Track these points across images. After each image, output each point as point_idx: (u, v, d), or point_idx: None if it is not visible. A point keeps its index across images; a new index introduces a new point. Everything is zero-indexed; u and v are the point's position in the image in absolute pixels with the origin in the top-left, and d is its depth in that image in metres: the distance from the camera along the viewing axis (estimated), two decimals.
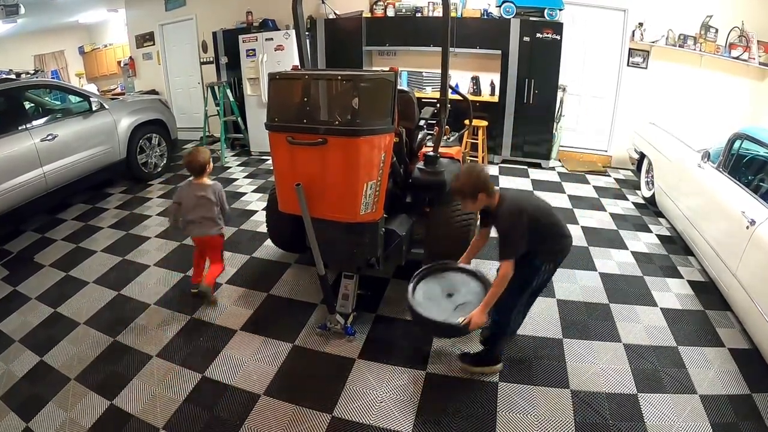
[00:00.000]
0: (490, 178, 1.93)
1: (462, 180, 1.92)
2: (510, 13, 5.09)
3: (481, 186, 1.89)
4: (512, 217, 1.88)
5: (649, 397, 2.04)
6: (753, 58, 4.67)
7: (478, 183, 1.89)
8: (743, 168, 2.93)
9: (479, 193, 1.89)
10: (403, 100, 2.69)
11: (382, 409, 2.00)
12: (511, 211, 1.90)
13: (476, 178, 1.90)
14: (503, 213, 1.92)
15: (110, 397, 2.09)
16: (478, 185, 1.89)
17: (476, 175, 1.90)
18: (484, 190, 1.90)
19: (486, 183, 1.90)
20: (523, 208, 1.91)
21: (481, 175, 1.91)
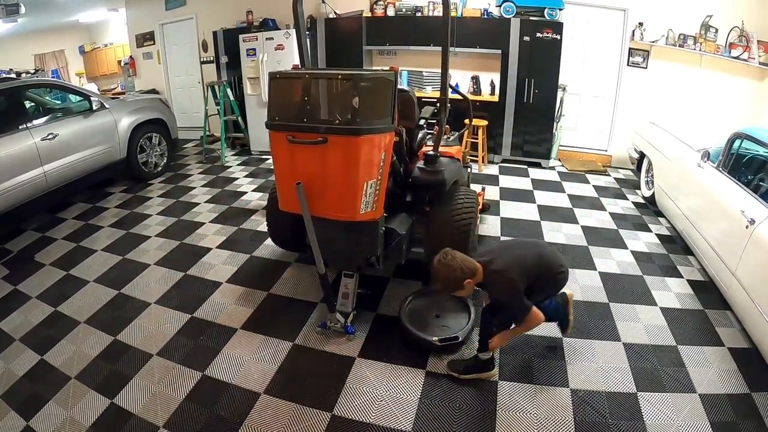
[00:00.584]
0: (465, 260, 1.87)
1: (441, 279, 1.86)
2: (510, 13, 5.09)
3: (462, 275, 1.84)
4: (504, 289, 1.87)
5: (649, 396, 2.04)
6: (753, 57, 4.68)
7: (457, 275, 1.84)
8: (743, 167, 2.93)
9: (465, 281, 1.85)
10: (404, 100, 2.69)
11: (382, 407, 2.00)
12: (500, 283, 1.88)
13: (453, 272, 1.83)
14: (494, 287, 1.91)
15: (110, 396, 2.09)
16: (459, 277, 1.84)
17: (452, 269, 1.83)
18: (467, 276, 1.85)
19: (464, 270, 1.84)
20: (511, 275, 1.86)
21: (455, 266, 1.84)
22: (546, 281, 2.01)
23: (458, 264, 1.84)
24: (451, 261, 1.84)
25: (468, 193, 2.78)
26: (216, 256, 3.37)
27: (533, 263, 1.97)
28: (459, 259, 1.85)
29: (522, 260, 1.95)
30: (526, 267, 1.93)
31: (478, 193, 2.96)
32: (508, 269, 1.87)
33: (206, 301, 2.80)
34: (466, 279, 1.84)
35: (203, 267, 3.22)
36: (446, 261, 1.85)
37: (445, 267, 1.84)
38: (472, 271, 1.86)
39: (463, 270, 1.84)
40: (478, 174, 5.14)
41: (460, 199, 2.67)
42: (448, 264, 1.84)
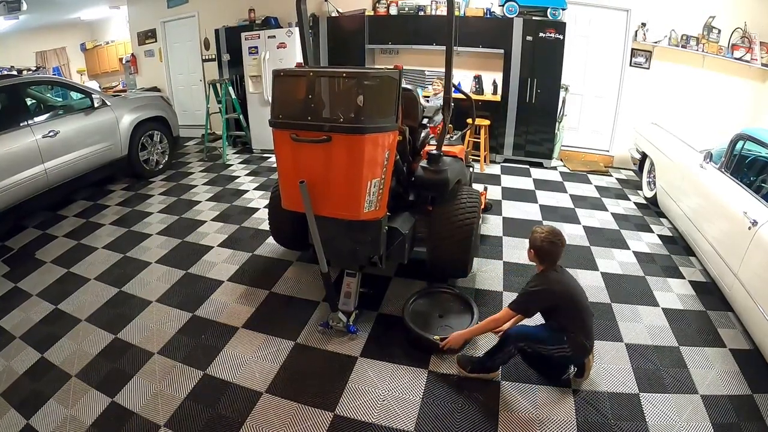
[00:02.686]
0: (552, 250, 2.00)
1: (535, 233, 2.04)
2: (513, 12, 5.08)
3: (536, 247, 2.02)
4: (538, 289, 1.99)
5: (651, 397, 2.04)
6: (755, 59, 4.67)
7: (536, 242, 2.02)
8: (745, 169, 2.93)
9: (531, 249, 2.05)
10: (407, 99, 2.68)
11: (385, 407, 2.00)
12: (542, 285, 2.00)
13: (543, 240, 1.99)
14: (538, 278, 2.04)
15: (111, 395, 2.09)
16: (535, 243, 2.02)
17: (543, 238, 1.99)
18: (534, 249, 2.03)
19: (540, 248, 2.01)
20: (552, 291, 1.99)
21: (546, 239, 1.99)
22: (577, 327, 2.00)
23: (548, 242, 2.00)
24: (554, 236, 2.01)
25: (471, 192, 2.78)
26: (217, 255, 3.36)
27: (576, 306, 2.01)
28: (551, 243, 1.99)
29: (570, 299, 2.01)
30: (567, 302, 2.00)
31: (480, 193, 2.95)
32: (551, 287, 2.00)
33: (207, 300, 2.80)
34: (533, 249, 2.03)
35: (204, 265, 3.22)
36: (552, 233, 2.02)
37: (547, 235, 2.01)
38: (544, 256, 2.02)
39: (540, 248, 2.00)
40: (480, 174, 5.13)
41: (463, 198, 2.67)
42: (549, 234, 2.01)
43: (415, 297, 2.58)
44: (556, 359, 2.06)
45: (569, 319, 1.98)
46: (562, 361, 2.10)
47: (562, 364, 2.12)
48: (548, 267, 2.03)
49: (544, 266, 2.04)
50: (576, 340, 1.97)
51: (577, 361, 2.06)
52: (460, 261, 2.64)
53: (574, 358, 2.04)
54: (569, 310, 1.99)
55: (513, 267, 3.14)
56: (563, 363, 2.11)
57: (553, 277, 2.01)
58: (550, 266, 2.03)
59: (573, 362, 2.08)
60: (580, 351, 2.00)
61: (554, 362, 2.11)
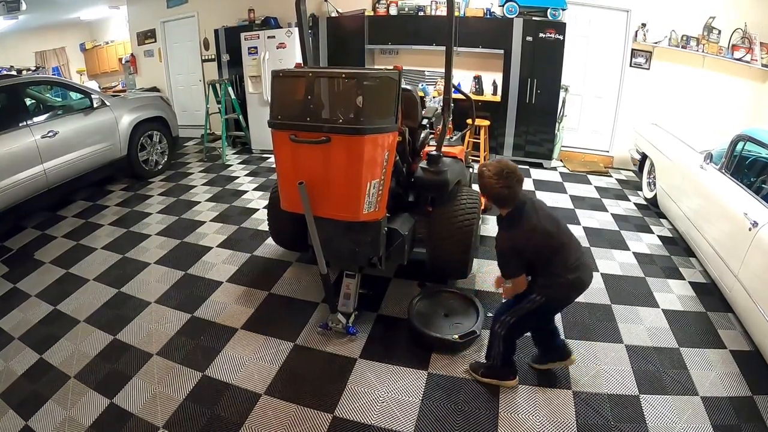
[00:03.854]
0: (510, 194, 1.75)
1: (483, 176, 1.77)
2: (513, 13, 5.07)
3: (491, 196, 1.77)
4: (509, 247, 1.79)
5: (651, 399, 2.04)
6: (755, 59, 4.67)
7: (490, 191, 1.76)
8: (746, 170, 2.92)
9: (481, 195, 1.80)
10: (406, 99, 2.68)
11: (384, 409, 1.99)
12: (509, 240, 1.79)
13: (485, 179, 1.75)
14: (502, 236, 1.82)
15: (110, 396, 2.08)
16: (489, 192, 1.77)
17: (487, 176, 1.75)
18: (490, 198, 1.78)
19: (497, 196, 1.76)
20: (524, 243, 1.75)
21: (500, 185, 1.73)
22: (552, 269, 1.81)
23: (492, 174, 1.74)
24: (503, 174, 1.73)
25: (470, 193, 2.77)
26: (216, 255, 3.36)
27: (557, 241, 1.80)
28: (505, 181, 1.73)
29: (544, 233, 1.77)
30: (541, 240, 1.77)
31: (480, 194, 2.95)
32: (523, 236, 1.75)
33: (207, 301, 2.79)
34: (482, 195, 1.79)
35: (204, 266, 3.21)
36: (501, 168, 1.74)
37: (496, 173, 1.74)
38: (503, 200, 1.77)
39: (492, 185, 1.74)
40: None
41: (462, 199, 2.66)
42: (498, 173, 1.73)
43: (416, 300, 2.55)
44: (543, 319, 1.97)
45: (540, 265, 1.81)
46: (548, 317, 1.99)
47: (550, 323, 2.04)
48: (510, 207, 1.80)
49: (506, 210, 1.82)
50: (546, 282, 1.82)
51: (559, 303, 1.92)
52: (460, 262, 2.64)
53: (555, 302, 1.89)
54: (541, 255, 1.79)
55: None
56: (549, 319, 2.03)
57: (519, 226, 1.77)
58: (512, 205, 1.80)
59: (558, 307, 1.95)
60: (555, 291, 1.83)
61: (544, 325, 2.03)
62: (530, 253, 1.77)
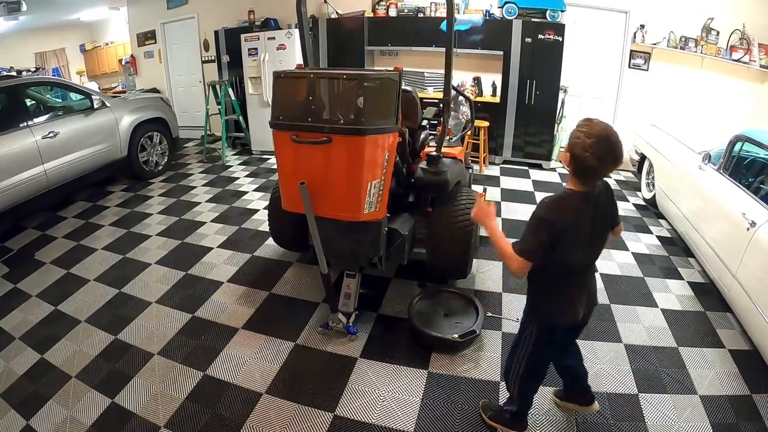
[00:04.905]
0: (598, 168, 1.38)
1: (578, 131, 1.40)
2: (512, 14, 5.09)
3: (576, 156, 1.38)
4: (543, 207, 1.47)
5: (650, 398, 2.05)
6: (754, 60, 4.69)
7: (578, 149, 1.37)
8: (744, 170, 2.94)
9: (568, 153, 1.41)
10: (406, 100, 2.69)
11: (384, 408, 2.00)
12: (559, 204, 1.45)
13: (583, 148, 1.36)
14: (554, 198, 1.48)
15: (111, 395, 2.09)
16: (576, 150, 1.38)
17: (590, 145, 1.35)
18: (573, 157, 1.40)
19: (582, 161, 1.37)
20: (566, 212, 1.44)
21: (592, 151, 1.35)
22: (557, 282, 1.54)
23: (590, 133, 1.37)
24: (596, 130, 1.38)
25: (470, 194, 2.78)
26: (217, 256, 3.36)
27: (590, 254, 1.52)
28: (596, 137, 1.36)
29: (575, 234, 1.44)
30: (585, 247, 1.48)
31: (479, 194, 2.96)
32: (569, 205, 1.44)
33: (207, 301, 2.80)
34: (570, 160, 1.41)
35: (204, 266, 3.22)
36: (601, 141, 1.36)
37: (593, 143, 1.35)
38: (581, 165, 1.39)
39: (582, 149, 1.36)
40: (479, 175, 5.14)
41: (462, 199, 2.67)
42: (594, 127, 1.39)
43: (416, 301, 2.56)
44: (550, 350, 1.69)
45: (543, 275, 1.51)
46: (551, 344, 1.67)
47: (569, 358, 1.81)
48: (580, 187, 1.44)
49: (575, 185, 1.45)
50: (539, 301, 1.59)
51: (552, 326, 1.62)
52: (460, 262, 2.65)
53: (548, 326, 1.61)
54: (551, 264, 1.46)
55: None
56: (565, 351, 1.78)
57: (572, 205, 1.43)
58: (585, 187, 1.44)
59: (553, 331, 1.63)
60: (544, 313, 1.59)
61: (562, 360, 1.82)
62: (559, 250, 1.43)
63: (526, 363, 1.67)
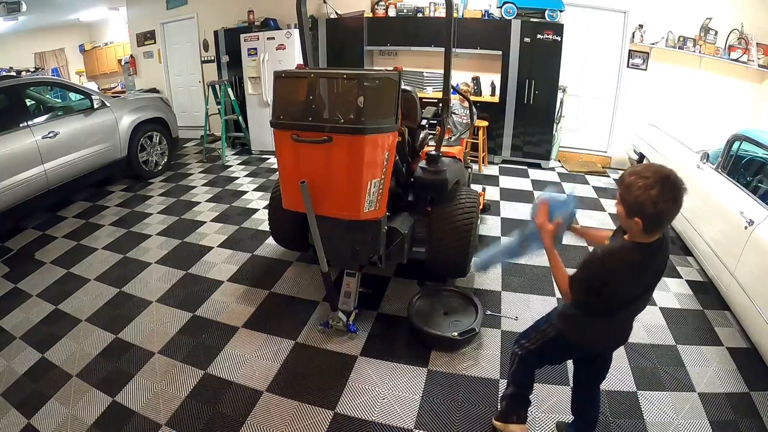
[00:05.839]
0: (669, 212, 1.21)
1: (637, 186, 1.21)
2: (511, 14, 5.11)
3: (644, 213, 1.21)
4: (610, 259, 1.31)
5: (649, 395, 2.06)
6: (752, 60, 4.71)
7: (646, 207, 1.19)
8: (742, 169, 2.95)
9: (636, 219, 1.23)
10: (406, 100, 2.70)
11: (385, 405, 2.01)
12: (623, 254, 1.30)
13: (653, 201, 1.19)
14: (619, 247, 1.33)
15: (112, 394, 2.09)
16: (645, 209, 1.20)
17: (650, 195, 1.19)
18: (644, 221, 1.22)
19: (656, 220, 1.22)
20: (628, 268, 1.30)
21: (664, 200, 1.18)
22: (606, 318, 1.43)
23: (664, 206, 1.19)
24: (673, 184, 1.19)
25: (469, 193, 2.79)
26: (217, 255, 3.37)
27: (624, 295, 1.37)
28: (668, 204, 1.19)
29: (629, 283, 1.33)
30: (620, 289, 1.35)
31: (479, 194, 2.97)
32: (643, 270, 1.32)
33: (207, 300, 2.81)
34: (638, 219, 1.22)
35: (204, 266, 3.22)
36: (667, 189, 1.18)
37: (658, 182, 1.19)
38: (652, 227, 1.25)
39: (656, 216, 1.21)
40: (478, 174, 5.15)
41: (461, 199, 2.68)
42: (666, 192, 1.18)
43: (415, 299, 2.58)
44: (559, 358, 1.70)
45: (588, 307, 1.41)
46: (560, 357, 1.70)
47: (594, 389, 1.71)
48: (648, 238, 1.28)
49: (644, 237, 1.28)
50: (567, 318, 1.48)
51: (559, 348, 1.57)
52: (459, 261, 2.66)
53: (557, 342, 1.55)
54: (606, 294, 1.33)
55: (511, 267, 3.15)
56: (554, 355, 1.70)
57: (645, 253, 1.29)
58: (652, 235, 1.27)
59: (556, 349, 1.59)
60: (568, 332, 1.50)
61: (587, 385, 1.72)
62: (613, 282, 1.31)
63: (539, 347, 1.62)
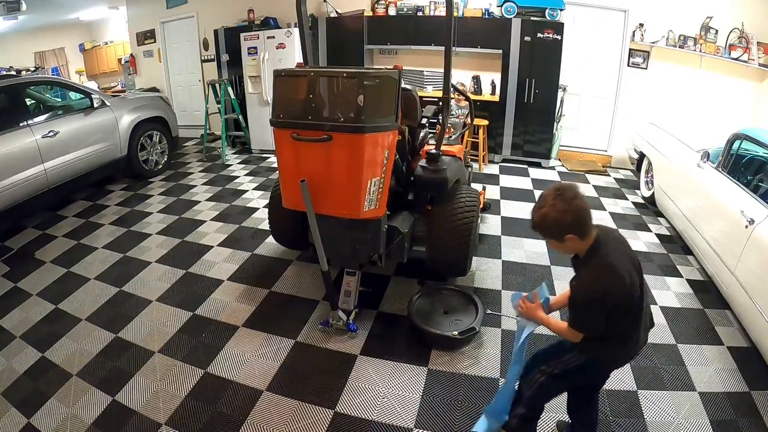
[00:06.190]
0: (588, 210, 1.35)
1: (548, 214, 1.34)
2: (511, 13, 5.10)
3: (570, 224, 1.33)
4: (604, 288, 1.33)
5: (649, 394, 2.06)
6: (753, 59, 4.70)
7: (567, 221, 1.33)
8: (742, 168, 2.95)
9: (567, 235, 1.34)
10: (406, 98, 2.70)
11: (385, 404, 2.01)
12: (606, 276, 1.34)
13: (565, 214, 1.32)
14: (593, 273, 1.37)
15: (112, 393, 2.10)
16: (567, 224, 1.33)
17: (566, 211, 1.32)
18: (575, 231, 1.34)
19: (579, 220, 1.34)
20: (614, 282, 1.33)
21: (574, 207, 1.32)
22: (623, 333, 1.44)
23: (578, 208, 1.33)
24: (574, 199, 1.33)
25: (470, 192, 2.79)
26: (217, 254, 3.37)
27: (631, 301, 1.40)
28: (582, 204, 1.34)
29: (630, 289, 1.37)
30: (628, 300, 1.38)
31: (479, 193, 2.97)
32: (615, 274, 1.34)
33: (208, 299, 2.81)
34: (570, 233, 1.34)
35: (204, 264, 3.22)
36: (567, 195, 1.34)
37: (563, 201, 1.33)
38: (585, 229, 1.35)
39: (578, 218, 1.33)
40: (479, 173, 5.15)
41: (462, 197, 2.68)
42: (567, 200, 1.33)
43: (416, 298, 2.58)
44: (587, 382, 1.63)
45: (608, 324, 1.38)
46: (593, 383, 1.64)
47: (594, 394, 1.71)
48: (588, 243, 1.37)
49: (583, 245, 1.38)
50: (590, 344, 1.44)
51: (591, 374, 1.56)
52: (459, 260, 2.66)
53: (588, 369, 1.52)
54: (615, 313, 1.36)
55: (511, 266, 3.16)
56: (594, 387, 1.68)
57: (603, 258, 1.36)
58: (588, 239, 1.37)
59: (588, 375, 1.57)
60: (605, 355, 1.48)
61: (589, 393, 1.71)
62: (612, 303, 1.34)
63: (564, 373, 1.54)
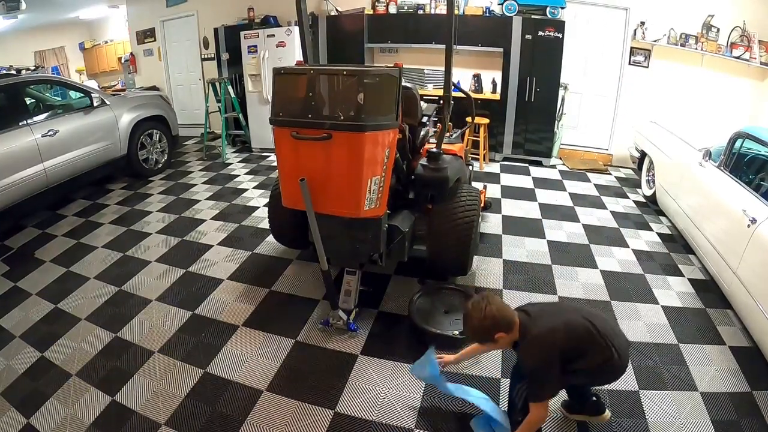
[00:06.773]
0: (501, 310, 1.59)
1: (471, 325, 1.60)
2: (512, 11, 5.08)
3: (494, 325, 1.57)
4: (541, 357, 1.54)
5: (651, 394, 2.05)
6: (754, 57, 4.68)
7: (487, 324, 1.56)
8: (744, 167, 2.93)
9: (496, 334, 1.58)
10: (407, 97, 2.68)
11: (385, 405, 2.00)
12: (538, 347, 1.55)
13: (485, 319, 1.56)
14: (528, 349, 1.59)
15: (111, 393, 2.09)
16: (489, 326, 1.57)
17: (484, 317, 1.56)
18: (501, 329, 1.58)
19: (497, 321, 1.57)
20: (553, 341, 1.54)
21: (488, 313, 1.56)
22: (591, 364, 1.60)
23: (492, 312, 1.57)
24: (486, 307, 1.57)
25: (470, 190, 2.78)
26: (217, 253, 3.36)
27: (583, 337, 1.58)
28: (495, 307, 1.58)
29: (571, 329, 1.58)
30: (574, 342, 1.57)
31: (480, 191, 2.96)
32: (549, 335, 1.56)
33: (207, 298, 2.80)
34: (498, 332, 1.58)
35: (204, 264, 3.22)
36: (479, 306, 1.59)
37: (477, 312, 1.58)
38: (507, 324, 1.59)
39: (496, 320, 1.57)
40: (480, 172, 5.14)
41: (462, 196, 2.67)
42: (480, 309, 1.58)
43: (416, 297, 2.57)
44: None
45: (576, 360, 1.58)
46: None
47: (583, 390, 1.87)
48: (517, 331, 1.60)
49: (514, 334, 1.61)
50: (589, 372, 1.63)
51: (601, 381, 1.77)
52: (460, 259, 2.65)
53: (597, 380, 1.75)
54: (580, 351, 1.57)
55: (512, 265, 3.15)
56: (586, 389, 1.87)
57: (537, 333, 1.57)
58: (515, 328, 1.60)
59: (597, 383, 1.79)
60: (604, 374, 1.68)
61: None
62: (561, 358, 1.54)
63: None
